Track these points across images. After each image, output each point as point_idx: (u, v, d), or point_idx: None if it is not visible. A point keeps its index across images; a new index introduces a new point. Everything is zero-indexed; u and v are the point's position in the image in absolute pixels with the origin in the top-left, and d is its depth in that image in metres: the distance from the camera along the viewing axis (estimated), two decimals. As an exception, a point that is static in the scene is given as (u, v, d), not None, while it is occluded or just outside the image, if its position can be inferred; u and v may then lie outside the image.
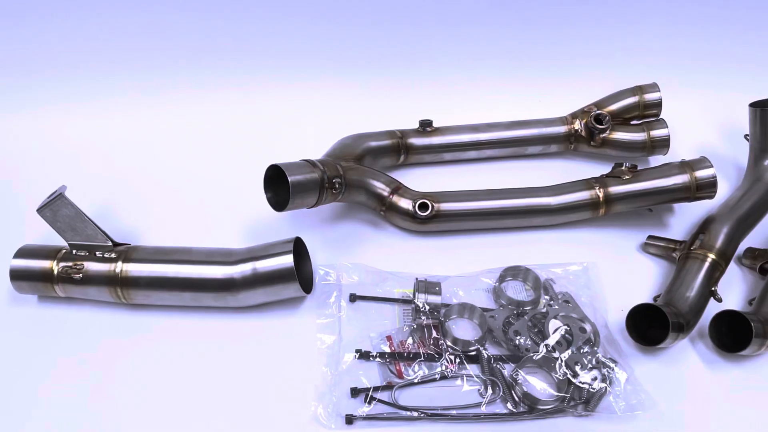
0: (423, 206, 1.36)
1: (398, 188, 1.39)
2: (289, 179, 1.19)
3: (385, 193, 1.38)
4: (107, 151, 1.63)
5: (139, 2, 1.63)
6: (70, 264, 1.21)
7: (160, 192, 1.51)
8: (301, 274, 1.25)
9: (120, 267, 1.20)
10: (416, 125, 1.56)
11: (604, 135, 1.50)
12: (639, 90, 1.51)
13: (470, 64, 1.76)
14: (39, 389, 1.13)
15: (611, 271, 1.30)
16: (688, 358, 1.18)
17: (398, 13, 1.69)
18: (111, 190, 1.51)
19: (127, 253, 1.22)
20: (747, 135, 1.46)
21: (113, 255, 1.21)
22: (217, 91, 1.73)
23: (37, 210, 1.20)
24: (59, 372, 1.16)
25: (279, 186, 1.24)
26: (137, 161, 1.61)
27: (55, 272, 1.20)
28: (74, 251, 1.22)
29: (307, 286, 1.25)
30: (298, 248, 1.25)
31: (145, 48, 1.69)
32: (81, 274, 1.20)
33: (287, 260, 1.17)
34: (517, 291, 1.29)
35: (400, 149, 1.53)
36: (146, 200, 1.49)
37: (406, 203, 1.37)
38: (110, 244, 1.23)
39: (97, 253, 1.22)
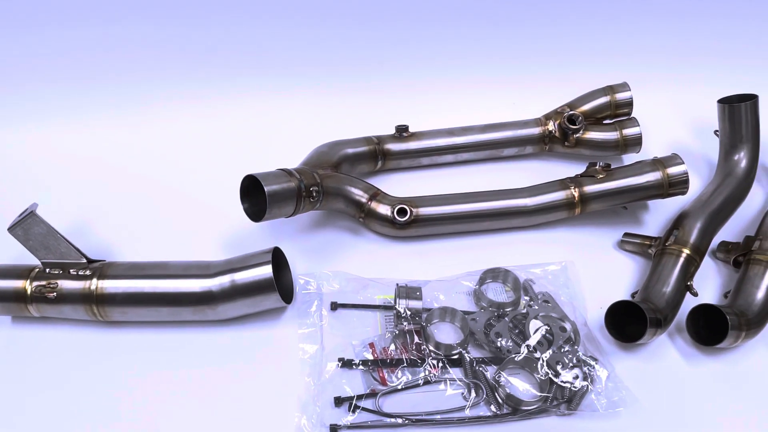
0: (401, 212, 1.36)
1: (376, 194, 1.39)
2: (266, 189, 1.18)
3: (364, 200, 1.38)
4: (79, 166, 1.61)
5: (114, 18, 1.62)
6: (43, 283, 1.18)
7: (135, 206, 1.49)
8: (281, 285, 1.24)
9: (95, 284, 1.18)
10: (392, 131, 1.57)
11: (577, 135, 1.52)
12: (610, 90, 1.53)
13: (444, 69, 1.77)
14: (15, 412, 1.11)
15: (589, 270, 1.32)
16: (667, 352, 1.19)
17: (371, 19, 1.70)
18: (85, 205, 1.49)
19: (102, 269, 1.20)
20: (717, 131, 1.49)
21: (88, 272, 1.19)
22: (191, 103, 1.72)
23: (8, 229, 1.18)
24: (36, 394, 1.13)
25: (256, 196, 1.23)
26: (110, 176, 1.58)
27: (29, 292, 1.18)
28: (48, 270, 1.20)
29: (288, 296, 1.24)
30: (277, 258, 1.25)
31: (116, 63, 1.68)
32: (55, 293, 1.18)
33: (266, 271, 1.16)
34: (497, 293, 1.29)
35: (378, 155, 1.54)
36: (121, 215, 1.47)
37: (384, 209, 1.37)
38: (84, 261, 1.21)
39: (71, 270, 1.19)
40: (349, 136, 1.53)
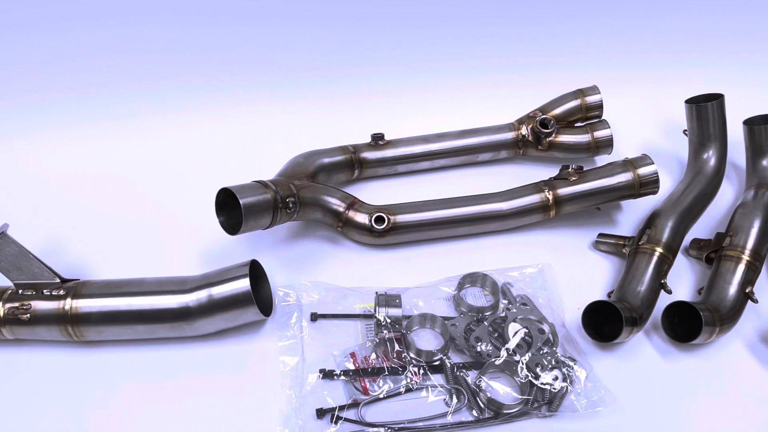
0: (379, 219, 1.37)
1: (354, 203, 1.40)
2: (241, 202, 1.18)
3: (341, 209, 1.38)
4: (49, 184, 1.58)
5: (86, 32, 1.61)
6: (16, 304, 1.16)
7: (109, 223, 1.47)
8: (260, 297, 1.23)
9: (69, 304, 1.16)
10: (368, 139, 1.57)
11: (550, 139, 1.54)
12: (580, 93, 1.56)
13: (419, 76, 1.78)
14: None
15: (566, 271, 1.33)
16: (644, 350, 1.21)
17: (343, 29, 1.71)
18: (57, 223, 1.46)
19: (76, 288, 1.18)
20: (686, 130, 1.52)
21: (61, 292, 1.17)
22: (163, 118, 1.70)
23: (-22, 251, 1.16)
24: (12, 419, 1.11)
25: (231, 209, 1.22)
26: (82, 192, 1.56)
27: (1, 314, 1.16)
28: (20, 291, 1.18)
29: (267, 309, 1.23)
30: (255, 271, 1.24)
31: (85, 79, 1.66)
32: (29, 314, 1.16)
33: (244, 284, 1.15)
34: (476, 297, 1.30)
35: (354, 164, 1.54)
36: (95, 233, 1.45)
37: (362, 217, 1.37)
38: (58, 280, 1.19)
39: (44, 291, 1.17)
40: (325, 146, 1.53)
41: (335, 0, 1.67)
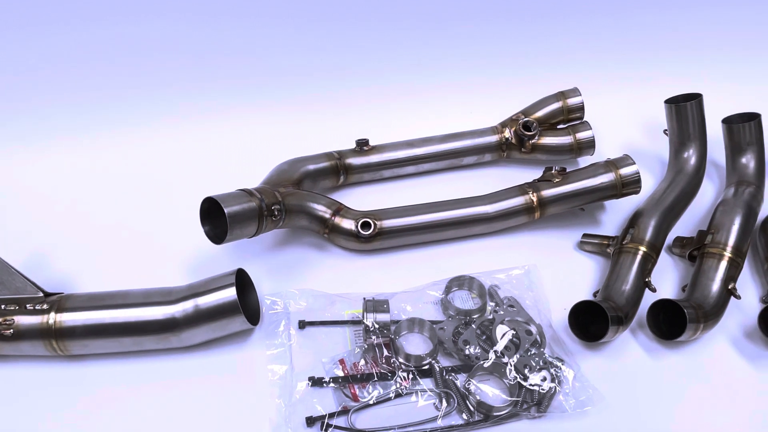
0: (365, 225, 1.37)
1: (339, 209, 1.40)
2: (226, 211, 1.17)
3: (327, 215, 1.38)
4: (31, 196, 1.56)
5: (58, 42, 1.60)
6: (-1, 320, 1.14)
7: (93, 235, 1.46)
8: (247, 306, 1.23)
9: (53, 318, 1.14)
10: (353, 145, 1.57)
11: (533, 141, 1.55)
12: (561, 95, 1.57)
13: (402, 81, 1.79)
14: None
15: (551, 272, 1.34)
16: (630, 349, 1.22)
17: (325, 35, 1.72)
18: (39, 237, 1.44)
19: (60, 302, 1.17)
20: (666, 130, 1.54)
21: (45, 306, 1.16)
22: (145, 128, 1.69)
23: (-41, 267, 1.14)
24: (-5, 437, 1.09)
25: (216, 218, 1.22)
26: (65, 205, 1.54)
27: (-17, 330, 1.14)
28: (3, 306, 1.16)
29: (254, 317, 1.23)
30: (242, 280, 1.23)
31: (64, 90, 1.65)
32: (12, 330, 1.14)
33: (230, 293, 1.15)
34: (463, 300, 1.30)
35: (339, 170, 1.54)
36: (79, 245, 1.43)
37: (348, 224, 1.37)
38: (41, 294, 1.18)
39: (27, 305, 1.16)
40: (309, 153, 1.53)
41: (316, 7, 1.68)
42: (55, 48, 1.61)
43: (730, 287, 1.23)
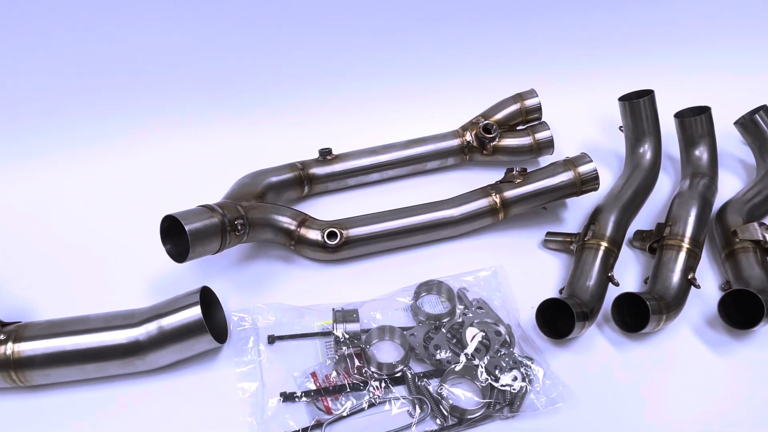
0: (332, 235, 1.36)
1: (305, 220, 1.39)
2: (186, 228, 1.15)
3: (292, 227, 1.36)
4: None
5: (17, 58, 1.56)
6: (-48, 354, 1.10)
7: (49, 260, 1.41)
8: (214, 325, 1.20)
9: (11, 348, 1.10)
10: (316, 155, 1.57)
11: (494, 143, 1.57)
12: (519, 97, 1.60)
13: (362, 87, 1.79)
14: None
15: (518, 271, 1.36)
16: (597, 343, 1.24)
17: (280, 46, 1.70)
18: (-6, 264, 1.40)
19: (17, 332, 1.13)
20: (621, 126, 1.57)
21: (2, 336, 1.11)
22: (101, 144, 1.65)
23: None
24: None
25: (178, 236, 1.19)
26: (19, 229, 1.49)
27: (-64, 366, 1.09)
28: (-44, 340, 1.11)
29: (221, 335, 1.21)
30: (207, 298, 1.21)
31: (18, 108, 1.60)
32: (-33, 363, 1.10)
33: (194, 312, 1.12)
34: (433, 305, 1.31)
35: (303, 180, 1.53)
36: (35, 271, 1.39)
37: (314, 234, 1.36)
38: (-3, 325, 1.13)
39: (-18, 337, 1.12)
40: (272, 165, 1.52)
41: (271, 18, 1.67)
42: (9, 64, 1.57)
43: (689, 277, 1.26)
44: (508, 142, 1.58)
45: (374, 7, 1.72)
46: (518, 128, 1.61)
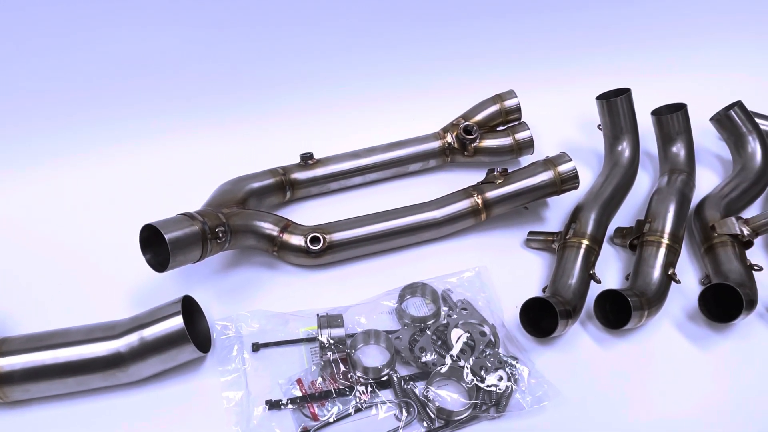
0: (314, 240, 1.35)
1: (287, 225, 1.38)
2: (166, 237, 1.14)
3: (275, 233, 1.36)
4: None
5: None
6: (-72, 372, 1.07)
7: (27, 273, 1.39)
8: (197, 334, 1.19)
9: (-11, 364, 1.08)
10: (297, 160, 1.56)
11: (475, 144, 1.58)
12: (498, 98, 1.61)
13: (343, 93, 1.79)
14: None
15: (501, 271, 1.36)
16: (580, 341, 1.25)
17: (258, 51, 1.69)
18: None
19: (-5, 347, 1.11)
20: (599, 125, 1.59)
21: (-21, 353, 1.09)
22: (79, 154, 1.63)
23: None
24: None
25: (158, 245, 1.18)
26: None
27: None
28: (-67, 357, 1.09)
29: (205, 345, 1.20)
30: (190, 307, 1.20)
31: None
32: (-57, 381, 1.07)
33: (176, 322, 1.11)
34: (418, 307, 1.31)
35: (285, 186, 1.52)
36: (13, 284, 1.36)
37: (297, 239, 1.36)
38: (-26, 341, 1.11)
39: (-41, 354, 1.09)
40: (253, 171, 1.51)
41: (250, 24, 1.66)
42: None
43: (669, 273, 1.28)
44: (489, 142, 1.58)
45: (352, 12, 1.72)
46: (498, 129, 1.62)
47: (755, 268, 1.29)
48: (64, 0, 1.50)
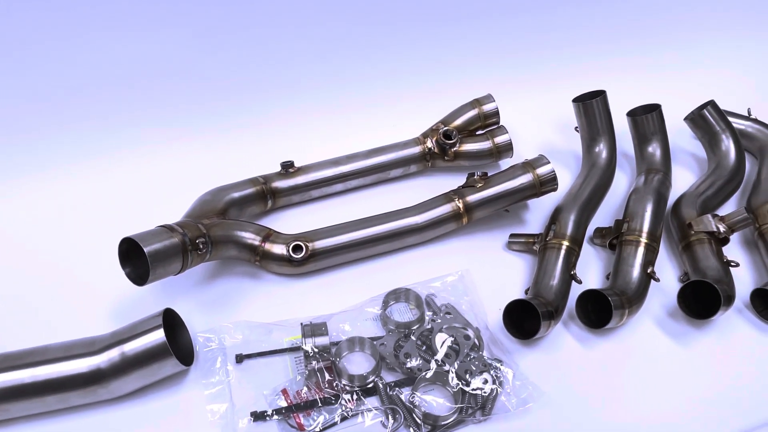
0: (297, 248, 1.35)
1: (269, 235, 1.37)
2: (145, 250, 1.13)
3: (257, 242, 1.35)
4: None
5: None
6: None
7: (3, 287, 1.36)
8: (179, 347, 1.18)
9: (-35, 385, 1.06)
10: (278, 168, 1.55)
11: (454, 149, 1.58)
12: (477, 103, 1.62)
13: (322, 100, 1.79)
14: None
15: (484, 274, 1.37)
16: (563, 341, 1.26)
17: (236, 58, 1.69)
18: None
19: (-29, 368, 1.08)
20: (577, 127, 1.61)
21: (-45, 374, 1.07)
22: (54, 167, 1.60)
23: None
24: None
25: (137, 258, 1.17)
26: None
27: None
28: None
29: (187, 358, 1.18)
30: (171, 320, 1.19)
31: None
32: None
33: (158, 336, 1.10)
34: (402, 313, 1.31)
35: (266, 195, 1.51)
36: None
37: (279, 248, 1.35)
38: (-52, 362, 1.09)
39: (-67, 376, 1.07)
40: (233, 180, 1.50)
41: (228, 30, 1.65)
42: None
43: (649, 271, 1.30)
44: (469, 147, 1.59)
45: (328, 19, 1.72)
46: (477, 133, 1.63)
47: (732, 264, 1.31)
48: (37, 14, 1.48)
